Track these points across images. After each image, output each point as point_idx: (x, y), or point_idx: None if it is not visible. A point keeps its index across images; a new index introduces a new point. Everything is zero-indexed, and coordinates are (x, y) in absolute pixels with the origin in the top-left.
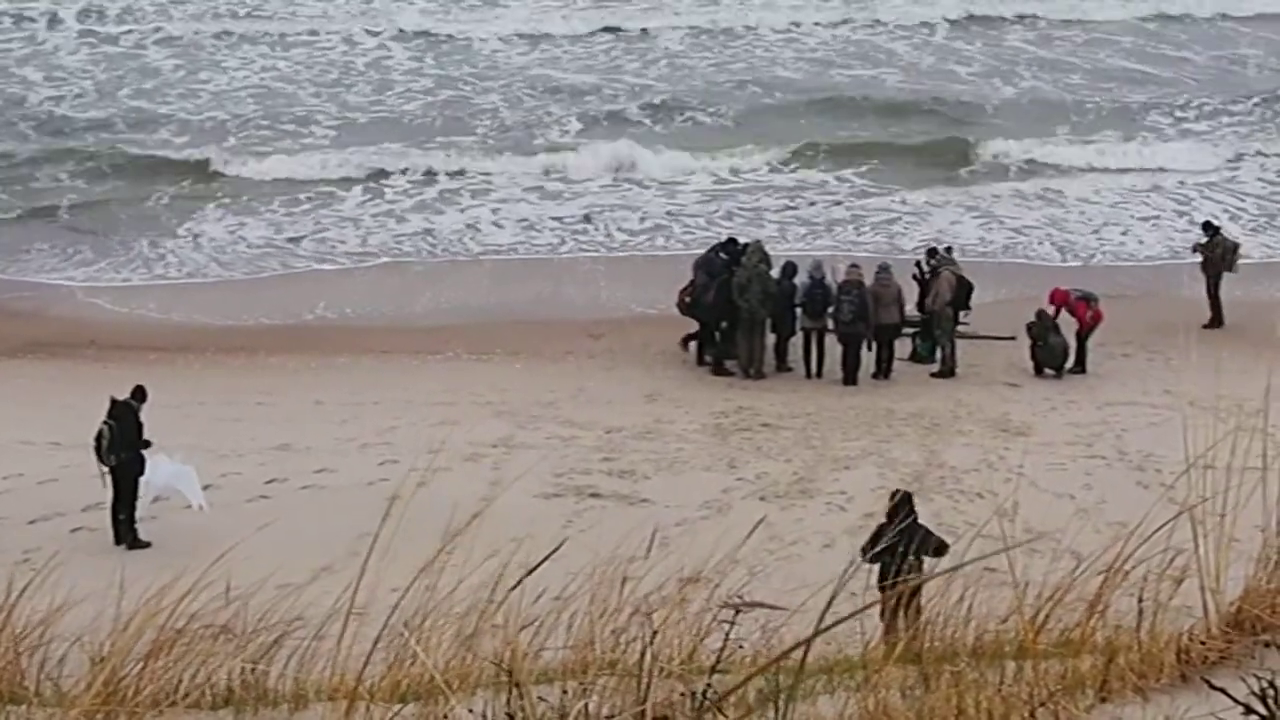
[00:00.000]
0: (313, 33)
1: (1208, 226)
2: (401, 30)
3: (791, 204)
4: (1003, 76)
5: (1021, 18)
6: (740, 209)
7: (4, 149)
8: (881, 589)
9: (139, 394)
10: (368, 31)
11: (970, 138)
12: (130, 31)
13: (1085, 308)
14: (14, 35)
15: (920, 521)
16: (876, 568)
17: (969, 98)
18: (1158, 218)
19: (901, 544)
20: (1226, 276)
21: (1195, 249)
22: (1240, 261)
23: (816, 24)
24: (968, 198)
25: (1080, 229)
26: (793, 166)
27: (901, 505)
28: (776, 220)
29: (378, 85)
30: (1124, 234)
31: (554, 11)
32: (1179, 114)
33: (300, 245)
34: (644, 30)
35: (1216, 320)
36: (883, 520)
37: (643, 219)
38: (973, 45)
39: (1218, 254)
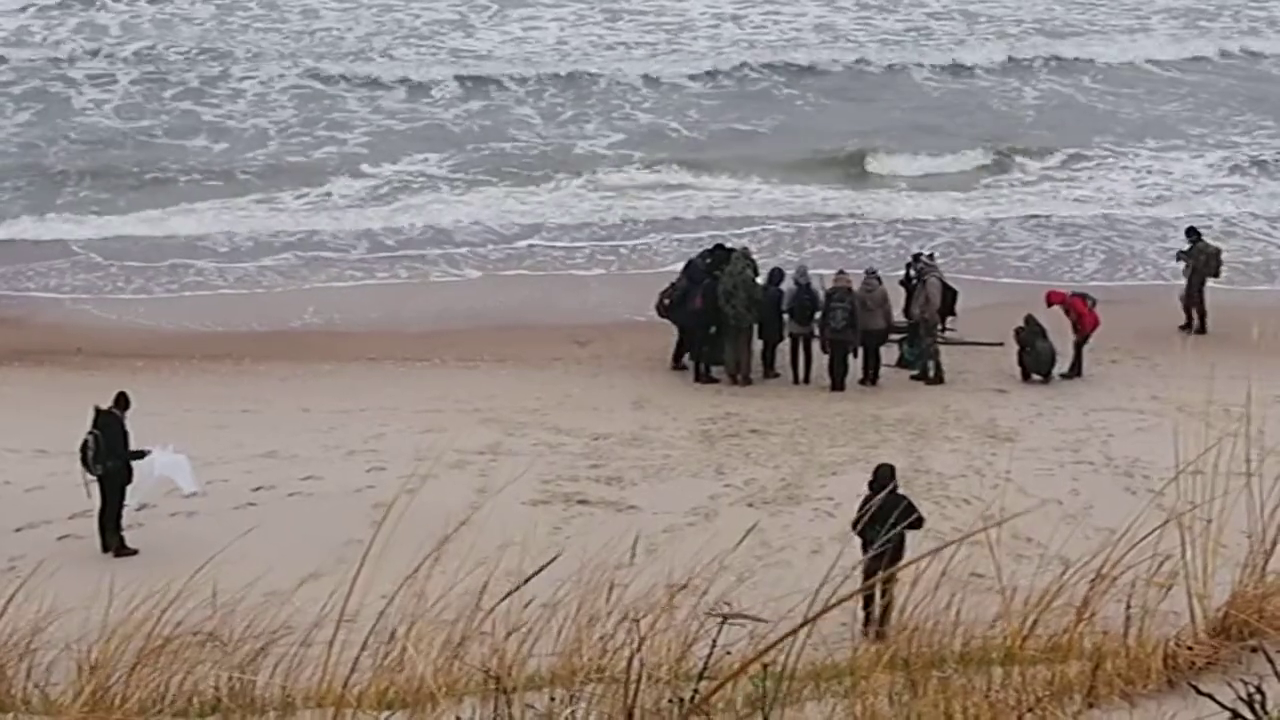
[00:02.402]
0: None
1: (1191, 232)
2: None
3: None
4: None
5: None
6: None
7: (43, 162)
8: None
9: (122, 401)
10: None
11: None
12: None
13: (1083, 303)
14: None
15: (902, 493)
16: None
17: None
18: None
19: (884, 515)
20: (1210, 282)
21: (1179, 256)
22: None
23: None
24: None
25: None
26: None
27: (884, 477)
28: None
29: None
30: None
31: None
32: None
33: (291, 253)
34: None
35: (1201, 327)
36: (866, 493)
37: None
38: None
39: (1201, 260)
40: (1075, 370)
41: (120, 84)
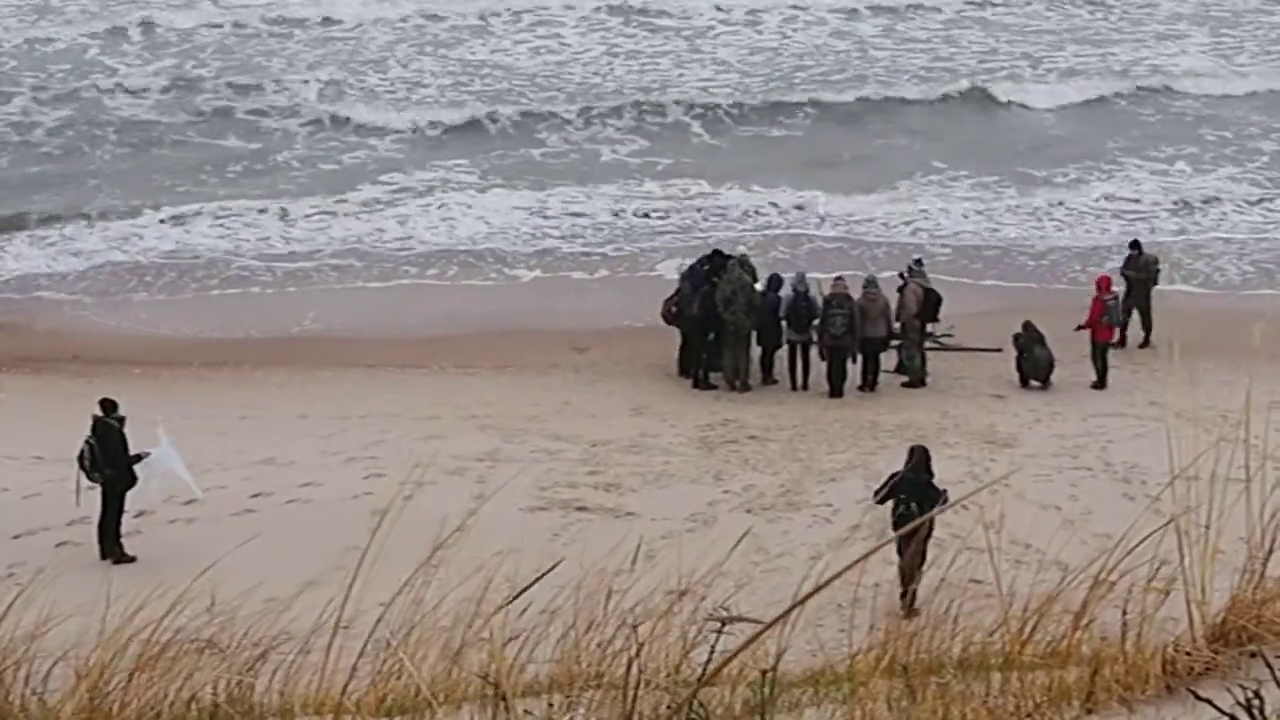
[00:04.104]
0: None
1: (1134, 245)
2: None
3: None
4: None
5: None
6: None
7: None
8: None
9: (109, 406)
10: None
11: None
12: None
13: (1101, 310)
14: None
15: (935, 482)
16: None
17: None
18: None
19: (912, 495)
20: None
21: (1124, 273)
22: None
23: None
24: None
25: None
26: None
27: (917, 458)
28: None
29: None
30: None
31: None
32: None
33: (293, 259)
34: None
35: (1146, 339)
36: (898, 470)
37: None
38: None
39: (1151, 271)
40: (1100, 381)
41: (151, 90)
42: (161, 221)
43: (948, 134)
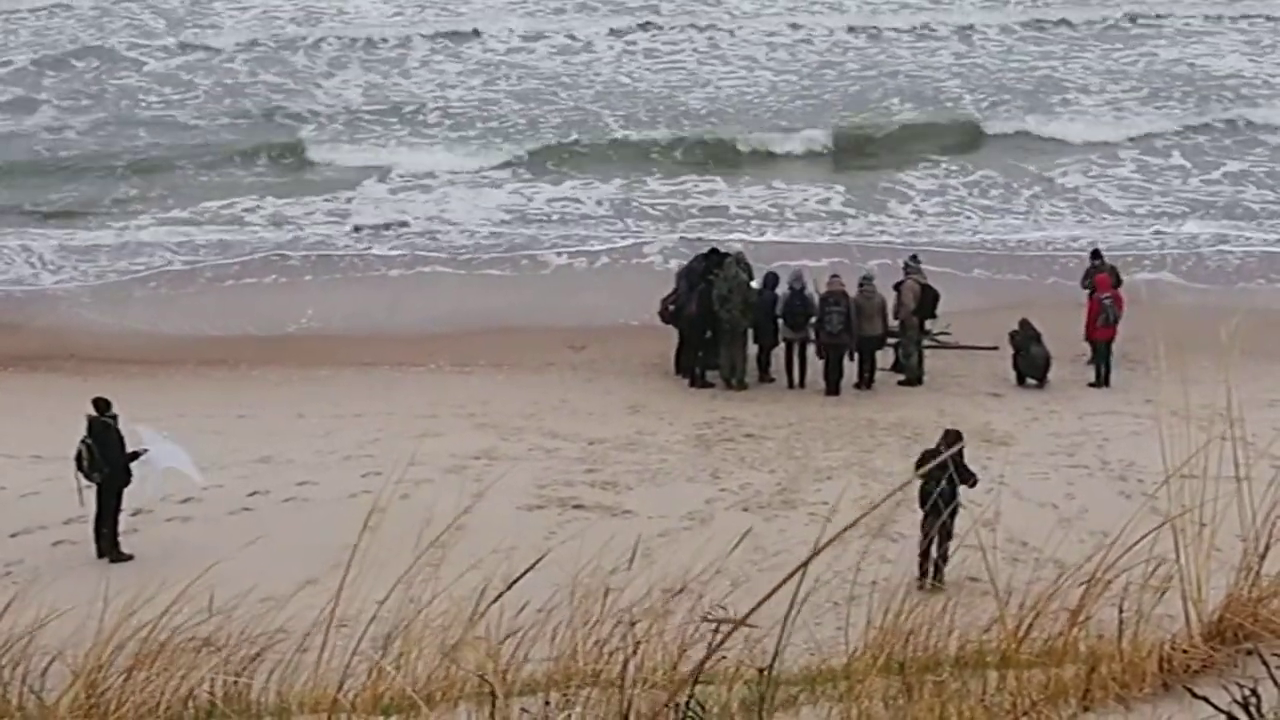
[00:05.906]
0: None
1: (1095, 255)
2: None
3: None
4: None
5: None
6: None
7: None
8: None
9: (102, 405)
10: None
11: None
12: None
13: (1096, 309)
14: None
15: (965, 462)
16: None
17: None
18: None
19: (943, 474)
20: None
21: (1085, 283)
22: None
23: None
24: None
25: None
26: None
27: (948, 441)
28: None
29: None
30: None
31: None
32: None
33: (286, 257)
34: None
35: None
36: (929, 448)
37: None
38: None
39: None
40: (1105, 379)
41: (164, 92)
42: (160, 220)
43: (959, 136)
